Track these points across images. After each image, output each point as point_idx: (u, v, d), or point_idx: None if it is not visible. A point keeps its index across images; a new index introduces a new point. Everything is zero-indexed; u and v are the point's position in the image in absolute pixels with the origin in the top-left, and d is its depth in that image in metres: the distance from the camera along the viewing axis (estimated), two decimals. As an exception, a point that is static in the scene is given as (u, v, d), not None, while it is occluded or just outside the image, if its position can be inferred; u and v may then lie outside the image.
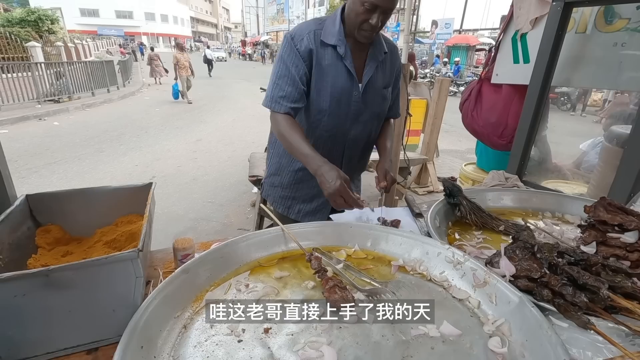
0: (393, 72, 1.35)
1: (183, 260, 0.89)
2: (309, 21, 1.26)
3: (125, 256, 0.61)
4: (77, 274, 0.59)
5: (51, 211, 0.87)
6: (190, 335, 0.67)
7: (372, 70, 1.26)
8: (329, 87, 1.22)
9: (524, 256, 0.77)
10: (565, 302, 0.66)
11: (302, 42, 1.19)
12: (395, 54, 1.37)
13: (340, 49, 1.20)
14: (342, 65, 1.22)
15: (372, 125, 1.35)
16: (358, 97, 1.26)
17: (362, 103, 1.27)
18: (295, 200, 1.44)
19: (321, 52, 1.21)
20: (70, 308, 0.61)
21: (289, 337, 0.67)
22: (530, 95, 1.42)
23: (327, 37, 1.21)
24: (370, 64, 1.27)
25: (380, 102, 1.33)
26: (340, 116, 1.27)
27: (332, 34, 1.21)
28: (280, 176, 1.43)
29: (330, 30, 1.22)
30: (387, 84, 1.34)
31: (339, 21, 1.22)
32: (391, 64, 1.34)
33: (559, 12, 1.29)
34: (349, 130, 1.30)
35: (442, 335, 0.68)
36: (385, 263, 0.93)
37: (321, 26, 1.23)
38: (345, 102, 1.25)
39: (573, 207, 1.24)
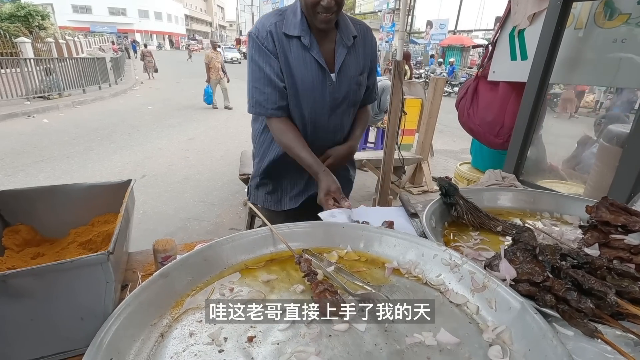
0: (368, 55, 1.28)
1: (164, 263, 0.84)
2: (269, 14, 1.21)
3: (94, 259, 0.55)
4: (39, 279, 0.53)
5: (21, 210, 0.81)
6: (167, 345, 0.62)
7: (343, 57, 1.20)
8: (300, 81, 1.18)
9: (525, 259, 0.73)
10: (570, 309, 0.62)
11: (267, 39, 1.14)
12: (369, 36, 1.30)
13: (304, 40, 1.15)
14: (309, 56, 1.17)
15: (349, 115, 1.32)
16: (332, 87, 1.21)
17: (338, 93, 1.23)
18: (282, 191, 1.41)
19: (286, 45, 1.16)
20: (32, 317, 0.55)
21: (274, 346, 0.62)
22: (528, 93, 1.38)
23: (289, 28, 1.15)
24: (340, 50, 1.21)
25: (356, 89, 1.28)
26: (317, 109, 1.23)
27: (294, 25, 1.15)
28: (263, 174, 1.40)
29: (291, 21, 1.16)
30: (362, 69, 1.27)
31: (300, 11, 1.16)
32: (364, 47, 1.27)
33: (559, 7, 1.26)
34: (329, 121, 1.27)
35: (439, 343, 0.63)
36: (378, 265, 0.88)
37: (282, 17, 1.17)
38: (320, 93, 1.20)
39: (572, 207, 1.21)
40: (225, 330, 0.65)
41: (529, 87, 1.38)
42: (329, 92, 1.20)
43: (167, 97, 11.41)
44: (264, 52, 1.15)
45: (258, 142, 1.40)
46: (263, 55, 1.15)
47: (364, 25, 1.30)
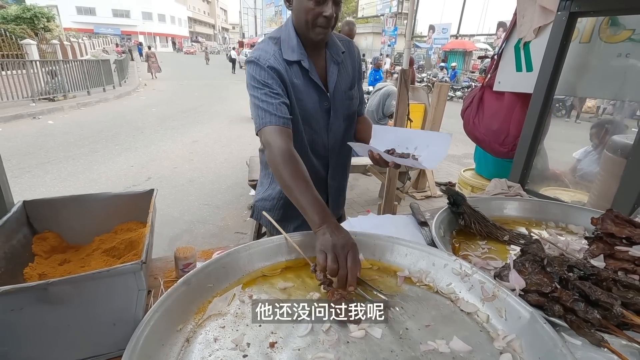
0: (355, 68, 1.30)
1: (184, 270, 0.87)
2: (264, 43, 1.18)
3: (128, 269, 0.58)
4: (77, 287, 0.57)
5: (48, 218, 0.85)
6: (194, 350, 0.65)
7: (335, 75, 1.21)
8: (304, 105, 1.18)
9: (534, 270, 0.76)
10: (578, 319, 0.65)
11: (269, 61, 1.12)
12: (352, 49, 1.31)
13: (304, 63, 1.15)
14: (309, 79, 1.17)
15: (346, 128, 1.32)
16: (328, 106, 1.22)
17: (333, 111, 1.24)
18: (289, 221, 1.37)
19: (290, 73, 1.14)
20: (69, 322, 0.59)
21: (295, 352, 0.65)
22: (534, 104, 1.42)
23: (287, 54, 1.14)
24: (332, 68, 1.21)
25: (349, 104, 1.29)
26: (317, 130, 1.24)
27: (292, 49, 1.14)
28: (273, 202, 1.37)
29: (288, 46, 1.15)
30: (352, 83, 1.29)
31: (294, 34, 1.15)
32: (351, 61, 1.29)
33: (564, 21, 1.29)
34: (328, 140, 1.27)
35: (452, 351, 0.66)
36: (390, 274, 0.91)
37: (278, 45, 1.16)
38: (319, 115, 1.21)
39: (577, 217, 1.23)
40: (248, 336, 0.68)
41: (535, 98, 1.42)
42: (325, 111, 1.21)
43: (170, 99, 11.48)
44: (266, 70, 1.11)
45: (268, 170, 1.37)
46: (264, 74, 1.11)
47: (347, 40, 1.32)
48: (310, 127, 1.22)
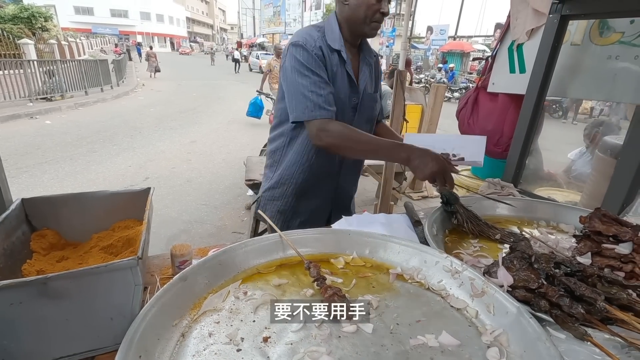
0: (379, 76, 1.39)
1: (180, 267, 0.88)
2: (309, 29, 1.23)
3: (125, 264, 0.60)
4: (75, 282, 0.58)
5: (47, 215, 0.86)
6: (189, 344, 0.66)
7: (367, 75, 1.28)
8: (336, 92, 1.21)
9: (522, 266, 0.78)
10: (563, 313, 0.67)
11: (316, 47, 1.16)
12: (379, 62, 1.41)
13: (343, 54, 1.20)
14: (344, 71, 1.22)
15: (367, 129, 1.32)
16: (356, 103, 1.27)
17: (360, 109, 1.29)
18: (295, 214, 1.42)
19: (331, 58, 1.20)
20: (68, 316, 0.60)
21: (288, 346, 0.67)
22: (526, 105, 1.44)
23: (332, 42, 1.20)
24: (364, 69, 1.28)
25: (373, 106, 1.36)
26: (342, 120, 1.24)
27: (334, 40, 1.21)
28: (282, 189, 1.39)
29: (331, 36, 1.21)
30: (376, 88, 1.37)
31: (337, 27, 1.22)
32: (376, 70, 1.38)
33: (556, 24, 1.32)
34: None
35: (441, 345, 0.68)
36: (383, 271, 0.93)
37: (321, 32, 1.22)
38: (347, 109, 1.25)
39: (568, 216, 1.26)
40: (242, 331, 0.70)
41: (527, 99, 1.44)
42: (352, 107, 1.27)
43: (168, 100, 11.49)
44: (314, 58, 1.15)
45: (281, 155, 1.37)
46: (313, 62, 1.15)
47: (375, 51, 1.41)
48: (339, 114, 1.24)
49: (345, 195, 1.49)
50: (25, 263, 0.76)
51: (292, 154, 1.33)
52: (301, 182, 1.36)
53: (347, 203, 1.53)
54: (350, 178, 1.47)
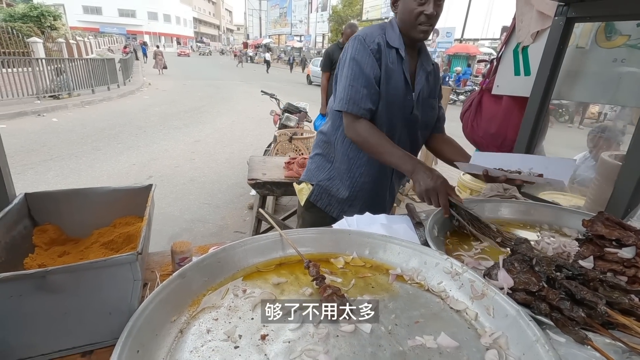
0: (437, 86, 1.41)
1: (181, 264, 0.89)
2: (373, 26, 1.30)
3: (124, 259, 0.60)
4: (75, 275, 0.59)
5: (48, 210, 0.87)
6: (187, 340, 0.66)
7: (423, 80, 1.31)
8: (390, 89, 1.25)
9: (523, 269, 0.77)
10: (563, 317, 0.66)
11: (374, 42, 1.22)
12: (437, 69, 1.43)
13: (402, 52, 1.25)
14: (401, 68, 1.26)
15: (420, 134, 1.40)
16: (411, 103, 1.30)
17: (416, 110, 1.32)
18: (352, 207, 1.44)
19: (387, 54, 1.24)
20: (67, 310, 0.61)
21: (285, 344, 0.67)
22: (531, 108, 1.43)
23: (391, 39, 1.25)
24: (420, 73, 1.32)
25: (429, 111, 1.38)
26: (392, 120, 1.30)
27: (394, 38, 1.26)
28: (341, 181, 1.42)
29: (391, 35, 1.26)
30: (433, 94, 1.39)
31: (397, 28, 1.27)
32: (435, 78, 1.40)
33: (561, 26, 1.31)
34: (399, 135, 1.34)
35: (439, 346, 0.67)
36: (383, 271, 0.93)
37: (383, 30, 1.28)
38: (399, 106, 1.28)
39: (571, 220, 1.25)
40: (240, 328, 0.70)
41: (532, 102, 1.43)
42: (407, 106, 1.29)
43: (173, 99, 11.55)
44: (368, 53, 1.21)
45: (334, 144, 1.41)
46: (366, 57, 1.21)
47: (435, 62, 1.44)
48: (387, 115, 1.28)
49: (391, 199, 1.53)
50: (27, 257, 0.77)
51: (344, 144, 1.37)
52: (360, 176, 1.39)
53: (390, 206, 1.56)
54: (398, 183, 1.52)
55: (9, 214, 0.74)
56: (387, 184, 1.47)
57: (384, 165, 1.38)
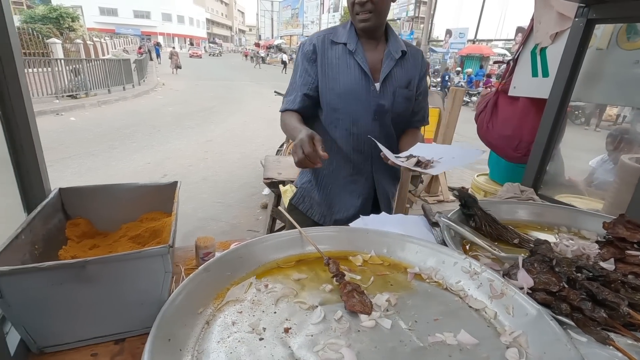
0: (416, 74, 1.35)
1: (204, 258, 0.92)
2: (324, 29, 1.35)
3: (157, 251, 0.63)
4: (111, 266, 0.62)
5: (80, 205, 0.90)
6: (213, 331, 0.69)
7: (389, 68, 1.28)
8: (339, 82, 1.26)
9: (542, 269, 0.77)
10: (584, 317, 0.67)
11: (310, 44, 1.28)
12: (419, 57, 1.37)
13: (350, 45, 1.26)
14: (353, 60, 1.26)
15: (393, 128, 1.36)
16: (375, 93, 1.27)
17: (383, 99, 1.28)
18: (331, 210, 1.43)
19: (330, 50, 1.28)
20: (102, 299, 0.64)
21: (308, 337, 0.69)
22: (549, 110, 1.42)
23: (337, 37, 1.28)
24: (387, 61, 1.28)
25: (401, 102, 1.32)
26: (359, 113, 1.29)
27: (343, 34, 1.28)
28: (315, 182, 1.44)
29: (340, 32, 1.29)
30: (410, 84, 1.33)
31: (350, 23, 1.30)
32: (414, 66, 1.34)
33: (582, 28, 1.30)
34: (370, 130, 1.30)
35: (460, 343, 0.68)
36: (401, 270, 0.94)
37: (333, 30, 1.32)
38: (362, 98, 1.27)
39: (589, 222, 1.24)
40: (263, 321, 0.72)
41: (550, 104, 1.42)
42: (372, 97, 1.27)
43: (186, 99, 11.71)
44: (301, 59, 1.30)
45: None
46: (300, 63, 1.31)
47: (416, 48, 1.40)
48: (351, 108, 1.28)
49: (385, 185, 1.47)
50: (61, 249, 0.80)
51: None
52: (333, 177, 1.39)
53: (387, 203, 1.50)
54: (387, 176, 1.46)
55: (46, 207, 0.77)
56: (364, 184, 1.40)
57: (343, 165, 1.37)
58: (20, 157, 0.78)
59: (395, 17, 29.00)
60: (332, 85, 1.27)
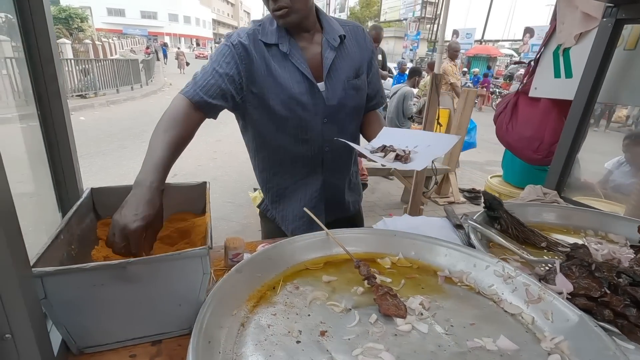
0: (364, 58, 1.21)
1: (234, 259, 0.91)
2: (249, 27, 1.15)
3: (196, 253, 0.63)
4: (151, 267, 0.61)
5: (111, 205, 0.90)
6: (249, 334, 0.68)
7: (331, 60, 1.13)
8: (282, 90, 1.11)
9: (582, 274, 0.76)
10: (629, 324, 0.65)
11: (239, 38, 1.08)
12: (361, 36, 1.22)
13: (282, 47, 1.09)
14: (290, 64, 1.11)
15: (349, 123, 1.23)
16: (322, 95, 1.14)
17: (332, 101, 1.15)
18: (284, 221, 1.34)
19: (267, 55, 1.10)
20: (141, 300, 0.63)
21: (345, 340, 0.68)
22: (574, 111, 1.40)
23: (266, 36, 1.10)
24: (327, 54, 1.13)
25: (354, 94, 1.19)
26: (307, 119, 1.15)
27: (271, 33, 1.10)
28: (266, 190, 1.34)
29: (268, 29, 1.11)
30: (357, 71, 1.19)
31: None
32: (358, 48, 1.20)
33: (610, 28, 1.28)
34: (322, 132, 1.18)
35: (500, 349, 0.67)
36: (430, 273, 0.93)
37: (259, 26, 1.12)
38: (310, 103, 1.13)
39: (616, 226, 1.22)
40: (298, 324, 0.72)
41: (576, 105, 1.40)
42: (319, 99, 1.14)
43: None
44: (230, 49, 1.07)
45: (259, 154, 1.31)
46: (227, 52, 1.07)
47: (355, 25, 1.24)
48: (296, 112, 1.14)
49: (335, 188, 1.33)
50: (94, 249, 0.80)
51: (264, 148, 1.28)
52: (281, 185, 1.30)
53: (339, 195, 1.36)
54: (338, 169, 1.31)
55: (80, 207, 0.78)
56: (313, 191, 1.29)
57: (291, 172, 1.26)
58: (55, 156, 0.79)
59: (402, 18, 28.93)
60: (278, 92, 1.11)
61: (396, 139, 1.07)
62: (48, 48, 0.68)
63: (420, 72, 6.15)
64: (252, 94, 1.12)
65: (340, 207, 1.38)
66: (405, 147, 1.02)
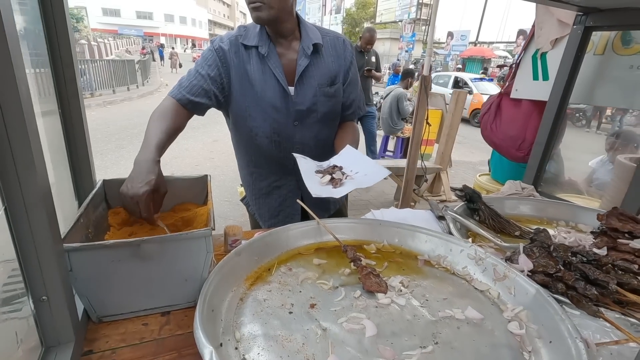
0: (341, 68, 1.25)
1: (232, 245, 1.00)
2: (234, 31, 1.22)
3: (201, 233, 0.72)
4: (162, 246, 0.70)
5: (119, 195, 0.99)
6: (247, 306, 0.77)
7: (303, 67, 1.18)
8: (259, 90, 1.17)
9: (541, 254, 0.86)
10: (578, 295, 0.75)
11: (222, 42, 1.16)
12: (340, 46, 1.26)
13: (262, 49, 1.15)
14: (267, 67, 1.16)
15: (321, 128, 1.27)
16: (291, 99, 1.19)
17: (301, 104, 1.20)
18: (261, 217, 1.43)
19: (246, 57, 1.16)
20: (152, 275, 0.72)
21: (332, 311, 0.77)
22: (549, 111, 1.51)
23: (248, 39, 1.16)
24: (301, 61, 1.18)
25: (325, 101, 1.23)
26: (279, 121, 1.21)
27: (254, 35, 1.17)
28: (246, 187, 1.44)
29: (251, 33, 1.18)
30: (332, 80, 1.23)
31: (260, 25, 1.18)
32: (337, 58, 1.24)
33: (579, 35, 1.39)
34: (293, 135, 1.24)
35: (467, 318, 0.77)
36: (412, 258, 1.02)
37: (244, 31, 1.20)
38: (281, 106, 1.19)
39: (586, 217, 1.32)
40: (291, 299, 0.81)
41: (550, 105, 1.51)
42: (291, 102, 1.19)
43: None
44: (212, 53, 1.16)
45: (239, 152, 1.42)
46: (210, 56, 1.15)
47: (335, 35, 1.28)
48: (271, 117, 1.20)
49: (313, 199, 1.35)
50: (106, 234, 0.89)
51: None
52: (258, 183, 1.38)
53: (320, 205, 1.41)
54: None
55: (95, 196, 0.86)
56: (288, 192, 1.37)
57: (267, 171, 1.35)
58: (73, 149, 0.87)
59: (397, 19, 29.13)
60: (252, 92, 1.17)
61: (349, 161, 1.13)
62: (69, 54, 0.77)
63: (414, 73, 6.28)
64: (231, 95, 1.20)
65: (319, 207, 1.41)
66: (350, 171, 1.08)
